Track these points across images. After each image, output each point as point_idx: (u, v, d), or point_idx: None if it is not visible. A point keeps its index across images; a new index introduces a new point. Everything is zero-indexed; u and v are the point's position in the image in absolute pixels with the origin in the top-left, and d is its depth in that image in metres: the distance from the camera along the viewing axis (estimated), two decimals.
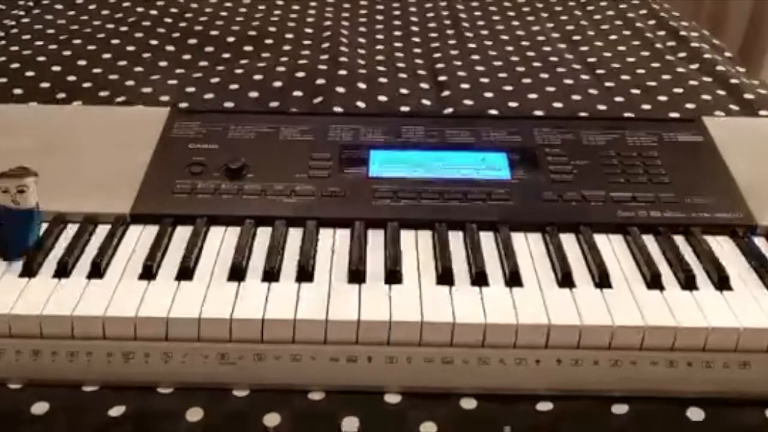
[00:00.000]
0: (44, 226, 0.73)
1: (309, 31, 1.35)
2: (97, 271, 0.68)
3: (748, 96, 1.12)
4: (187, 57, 1.22)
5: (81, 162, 0.81)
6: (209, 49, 1.25)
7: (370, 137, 0.86)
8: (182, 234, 0.73)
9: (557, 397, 0.64)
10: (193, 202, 0.77)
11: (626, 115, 1.07)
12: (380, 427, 0.61)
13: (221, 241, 0.73)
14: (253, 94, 1.10)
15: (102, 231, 0.73)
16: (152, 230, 0.73)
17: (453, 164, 0.82)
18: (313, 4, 1.48)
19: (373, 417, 0.62)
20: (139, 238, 0.73)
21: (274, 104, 1.07)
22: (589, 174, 0.81)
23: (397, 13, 1.46)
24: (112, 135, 0.85)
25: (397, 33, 1.36)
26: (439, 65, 1.22)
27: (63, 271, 0.68)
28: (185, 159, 0.81)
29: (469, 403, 0.63)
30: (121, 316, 0.63)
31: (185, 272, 0.68)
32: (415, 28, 1.39)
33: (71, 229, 0.74)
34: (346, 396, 0.63)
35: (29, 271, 0.68)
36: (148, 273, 0.68)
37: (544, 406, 0.63)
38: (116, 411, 0.62)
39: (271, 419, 0.61)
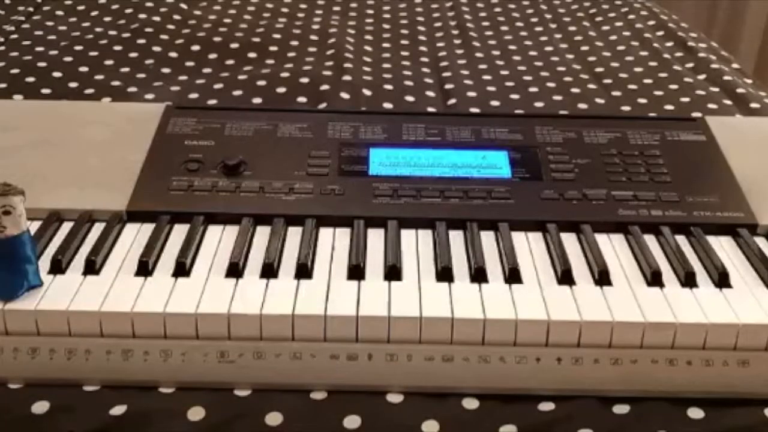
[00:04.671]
0: (38, 223, 0.72)
1: (314, 37, 1.33)
2: (92, 267, 0.67)
3: (754, 105, 1.11)
4: (190, 63, 1.21)
5: (76, 159, 0.80)
6: (212, 55, 1.24)
7: (370, 135, 0.85)
8: (179, 231, 0.73)
9: (558, 397, 0.63)
10: (190, 199, 0.76)
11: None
12: (382, 426, 0.61)
13: (219, 240, 0.72)
14: (257, 101, 1.09)
15: (98, 228, 0.73)
16: (148, 228, 0.73)
17: (453, 162, 0.81)
18: (318, 11, 1.47)
19: (375, 416, 0.61)
20: (135, 236, 0.72)
21: None
22: (590, 173, 0.81)
23: (404, 21, 1.45)
24: (108, 132, 0.85)
25: (404, 41, 1.35)
26: (446, 73, 1.21)
27: (58, 267, 0.67)
28: (182, 156, 0.81)
29: (470, 403, 0.63)
30: (117, 311, 0.62)
31: (182, 269, 0.67)
32: (422, 37, 1.38)
33: (67, 227, 0.73)
34: (348, 395, 0.63)
35: None
36: (145, 269, 0.67)
37: (546, 406, 0.63)
38: (117, 410, 0.61)
39: (273, 418, 0.60)
